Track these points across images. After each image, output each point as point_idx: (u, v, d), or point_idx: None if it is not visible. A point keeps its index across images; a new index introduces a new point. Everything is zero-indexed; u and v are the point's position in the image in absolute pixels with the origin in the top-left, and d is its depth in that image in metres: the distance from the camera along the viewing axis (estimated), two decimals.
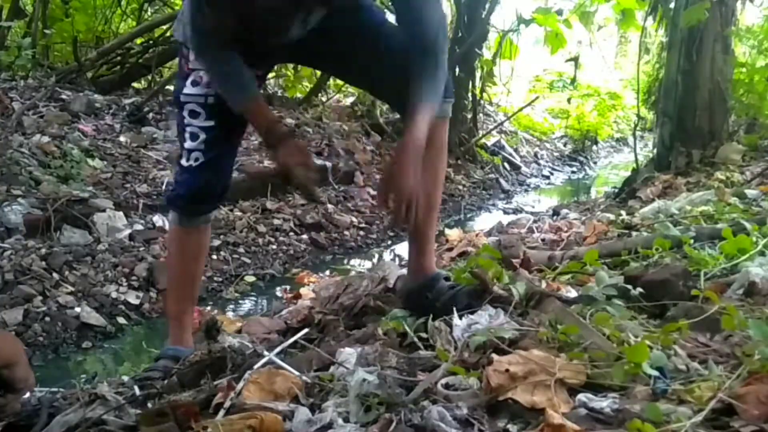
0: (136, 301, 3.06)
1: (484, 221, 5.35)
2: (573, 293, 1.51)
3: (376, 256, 4.32)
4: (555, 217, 4.26)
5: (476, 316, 1.30)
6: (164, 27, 6.63)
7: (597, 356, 0.99)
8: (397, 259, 3.65)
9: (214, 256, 3.69)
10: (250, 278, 3.59)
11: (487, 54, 7.32)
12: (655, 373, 0.89)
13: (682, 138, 5.04)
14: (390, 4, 1.91)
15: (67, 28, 6.59)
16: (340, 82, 8.20)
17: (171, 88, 6.75)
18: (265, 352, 1.21)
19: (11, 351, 1.25)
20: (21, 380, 1.26)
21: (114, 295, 3.04)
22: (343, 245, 4.42)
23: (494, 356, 0.98)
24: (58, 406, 1.35)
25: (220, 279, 3.52)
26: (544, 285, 1.59)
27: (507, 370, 0.92)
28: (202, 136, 1.51)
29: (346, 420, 0.95)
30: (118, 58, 6.54)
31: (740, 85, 5.90)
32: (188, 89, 1.51)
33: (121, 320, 2.93)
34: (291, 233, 4.28)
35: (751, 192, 3.17)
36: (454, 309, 1.36)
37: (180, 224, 1.65)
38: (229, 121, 1.51)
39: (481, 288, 1.46)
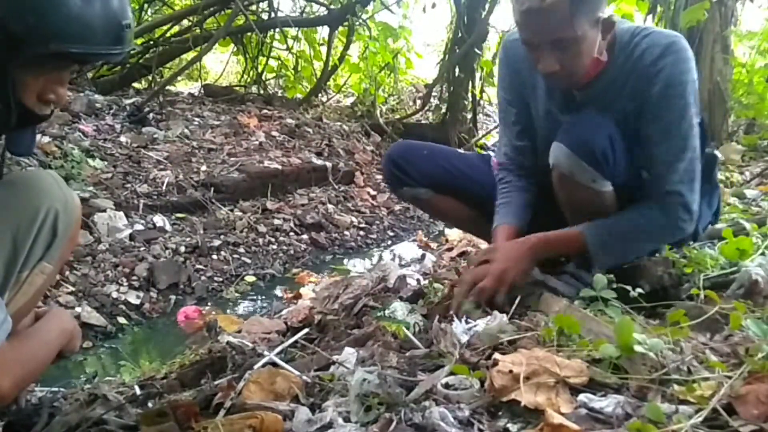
0: (137, 301, 3.06)
1: None
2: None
3: (376, 256, 4.32)
4: None
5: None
6: (164, 27, 6.63)
7: (600, 344, 0.99)
8: (397, 259, 3.65)
9: (214, 256, 3.69)
10: (251, 278, 3.59)
11: (487, 54, 7.32)
12: (650, 353, 0.90)
13: None
14: (389, 5, 1.98)
15: None
16: (340, 82, 8.23)
17: (171, 88, 6.76)
18: (266, 352, 1.21)
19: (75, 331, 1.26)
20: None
21: (114, 295, 3.04)
22: (343, 245, 4.42)
23: (498, 356, 0.97)
24: (58, 405, 1.35)
25: (221, 279, 3.52)
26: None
27: (510, 371, 0.92)
28: None
29: (347, 420, 0.95)
30: None
31: (740, 86, 5.90)
32: None
33: (122, 320, 2.93)
34: (291, 233, 4.28)
35: (750, 192, 3.18)
36: (454, 314, 1.38)
37: None
38: None
39: None
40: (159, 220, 3.83)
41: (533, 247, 1.50)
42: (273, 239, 4.13)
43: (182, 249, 3.61)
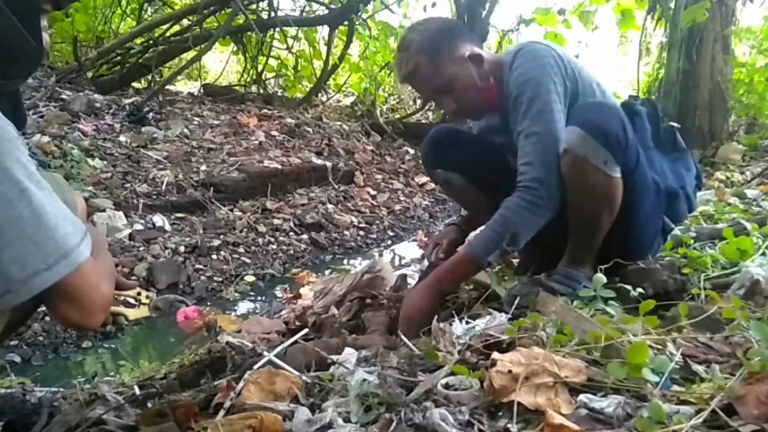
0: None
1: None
2: None
3: (376, 256, 4.32)
4: None
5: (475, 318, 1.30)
6: (164, 27, 6.63)
7: (594, 337, 0.99)
8: (396, 258, 3.65)
9: (214, 256, 3.69)
10: (250, 278, 3.59)
11: None
12: (656, 378, 0.88)
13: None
14: (390, 4, 2.06)
15: (68, 28, 6.59)
16: (340, 81, 8.22)
17: (171, 87, 6.76)
18: (265, 352, 1.21)
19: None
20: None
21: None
22: (343, 245, 4.42)
23: (497, 356, 0.97)
24: (58, 405, 1.35)
25: (220, 279, 3.52)
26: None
27: (510, 371, 0.91)
28: None
29: (346, 420, 0.94)
30: (118, 57, 6.54)
31: (740, 85, 5.90)
32: None
33: (122, 320, 2.92)
34: (291, 233, 4.28)
35: (751, 192, 3.18)
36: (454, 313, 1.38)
37: None
38: None
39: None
40: (158, 219, 3.83)
41: (432, 287, 1.58)
42: (273, 239, 4.13)
43: (182, 249, 3.61)
